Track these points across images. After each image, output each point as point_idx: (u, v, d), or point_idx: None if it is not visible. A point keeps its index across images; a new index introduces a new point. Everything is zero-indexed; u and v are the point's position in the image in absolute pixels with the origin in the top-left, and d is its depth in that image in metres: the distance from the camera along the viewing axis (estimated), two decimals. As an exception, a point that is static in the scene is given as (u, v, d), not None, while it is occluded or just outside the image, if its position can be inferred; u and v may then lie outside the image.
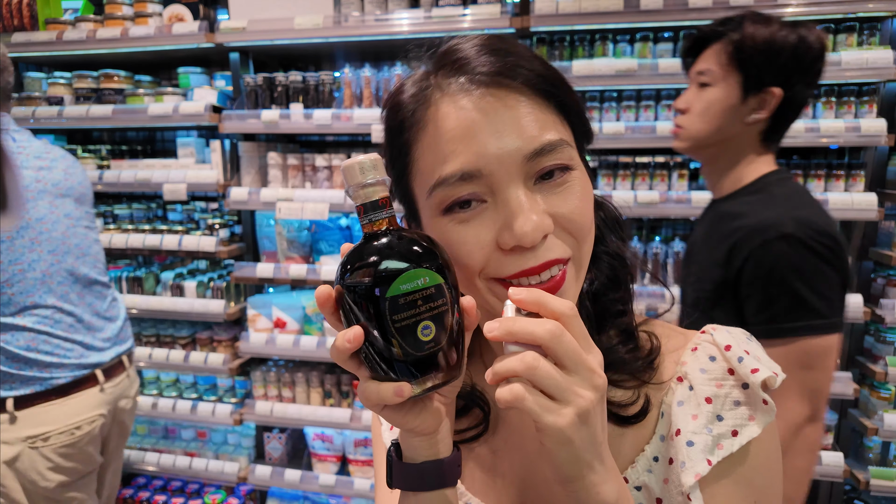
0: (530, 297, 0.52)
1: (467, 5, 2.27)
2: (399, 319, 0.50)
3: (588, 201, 0.60)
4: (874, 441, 2.29)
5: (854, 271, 2.22)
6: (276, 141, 2.90)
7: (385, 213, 0.54)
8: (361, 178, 0.53)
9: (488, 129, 0.56)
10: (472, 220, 0.58)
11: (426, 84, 0.61)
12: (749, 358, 0.63)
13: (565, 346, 0.49)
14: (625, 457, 0.66)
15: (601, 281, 0.69)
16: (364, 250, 0.52)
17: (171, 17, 2.60)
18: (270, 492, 2.87)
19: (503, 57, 0.58)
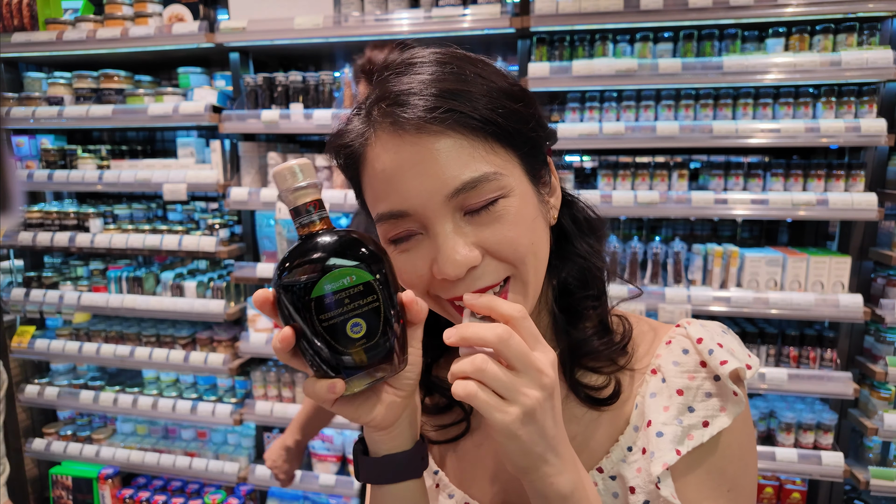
0: (481, 301, 0.56)
1: (467, 5, 2.27)
2: (326, 319, 0.52)
3: (522, 227, 0.61)
4: (874, 441, 2.29)
5: (855, 271, 2.22)
6: (276, 141, 2.90)
7: (315, 215, 0.54)
8: (291, 182, 0.53)
9: (411, 172, 0.58)
10: (412, 250, 0.62)
11: (365, 123, 0.62)
12: (720, 350, 0.64)
13: (513, 348, 0.52)
14: (600, 446, 0.69)
15: (571, 280, 0.71)
16: (294, 253, 0.53)
17: (171, 17, 2.60)
18: (270, 492, 2.87)
19: (438, 97, 0.58)
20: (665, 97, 2.30)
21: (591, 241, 0.73)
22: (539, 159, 0.66)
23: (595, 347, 0.69)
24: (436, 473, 0.78)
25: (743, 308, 2.20)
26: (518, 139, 0.62)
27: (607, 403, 0.69)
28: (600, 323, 0.71)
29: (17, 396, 2.96)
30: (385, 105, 0.60)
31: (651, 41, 2.30)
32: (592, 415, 0.70)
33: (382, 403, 0.59)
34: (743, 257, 2.27)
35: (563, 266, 0.71)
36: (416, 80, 0.60)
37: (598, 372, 0.70)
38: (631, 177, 2.35)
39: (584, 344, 0.69)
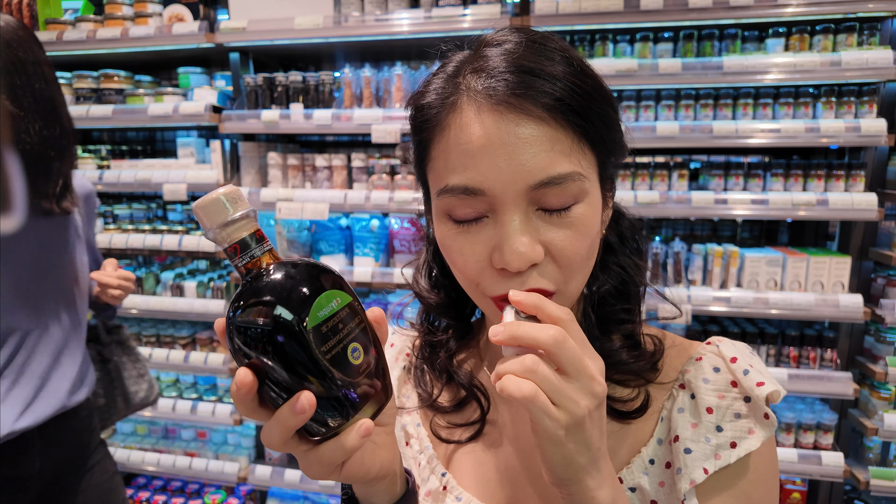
0: (529, 300, 0.52)
1: (467, 5, 2.27)
2: (328, 349, 0.45)
3: (587, 238, 0.59)
4: (874, 441, 2.29)
5: (855, 271, 2.22)
6: (276, 141, 2.90)
7: (266, 245, 0.48)
8: (227, 214, 0.46)
9: (500, 152, 0.56)
10: (472, 232, 0.59)
11: (453, 86, 0.60)
12: (754, 371, 0.63)
13: (567, 352, 0.49)
14: (621, 457, 0.67)
15: (608, 290, 0.69)
16: (254, 293, 0.45)
17: (171, 17, 2.60)
18: (270, 492, 2.87)
19: (530, 75, 0.56)
20: (665, 97, 2.30)
21: (636, 259, 0.72)
22: (611, 172, 0.65)
23: (623, 360, 0.67)
24: (443, 475, 0.75)
25: (743, 308, 2.20)
26: (604, 146, 0.61)
27: (633, 416, 0.67)
28: (630, 337, 0.69)
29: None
30: (485, 75, 0.57)
31: (651, 41, 2.30)
32: (614, 426, 0.68)
33: (381, 447, 0.54)
34: (743, 257, 2.27)
35: (601, 277, 0.69)
36: (512, 56, 0.57)
37: (625, 385, 0.68)
38: (631, 177, 2.35)
39: (613, 355, 0.67)
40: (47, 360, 1.42)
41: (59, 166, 1.38)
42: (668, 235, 2.72)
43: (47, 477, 1.44)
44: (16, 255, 1.38)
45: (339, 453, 0.47)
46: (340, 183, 2.54)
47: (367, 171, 2.52)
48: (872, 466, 2.21)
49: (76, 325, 1.51)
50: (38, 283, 1.42)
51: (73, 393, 1.45)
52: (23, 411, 1.35)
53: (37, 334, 1.41)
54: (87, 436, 1.55)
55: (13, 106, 1.26)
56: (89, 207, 1.61)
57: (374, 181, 2.47)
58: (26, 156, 1.31)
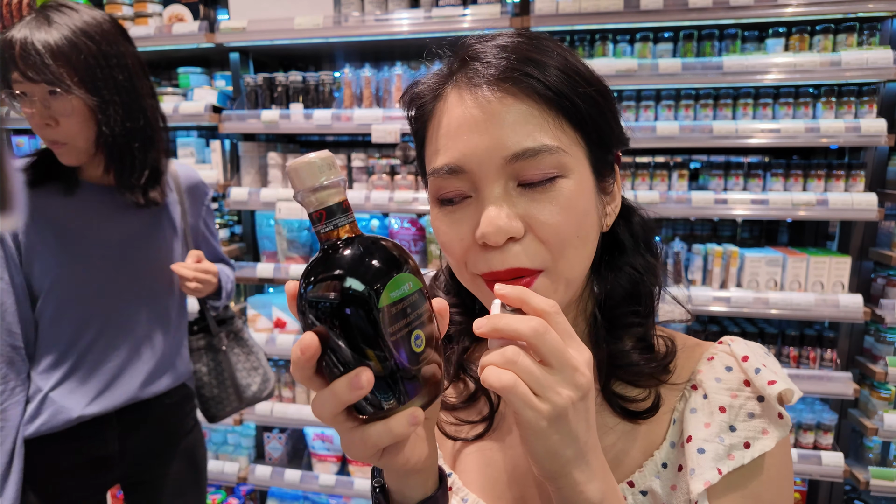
0: (513, 292, 0.52)
1: (467, 5, 2.27)
2: (395, 331, 0.45)
3: (572, 213, 0.58)
4: (874, 441, 2.29)
5: (855, 271, 2.22)
6: (276, 141, 2.90)
7: (350, 216, 0.47)
8: (318, 178, 0.46)
9: (478, 128, 0.58)
10: (457, 212, 0.61)
11: (443, 78, 0.64)
12: (766, 370, 0.62)
13: (549, 343, 0.49)
14: (632, 459, 0.66)
15: (618, 292, 0.68)
16: (338, 259, 0.45)
17: (171, 17, 2.60)
18: (270, 492, 2.87)
19: (512, 60, 0.58)
20: (665, 97, 2.30)
21: (649, 258, 0.70)
22: (607, 158, 0.65)
23: (634, 361, 0.66)
24: (448, 475, 0.73)
25: (743, 308, 2.20)
26: (589, 126, 0.61)
27: (644, 416, 0.66)
28: (643, 340, 0.68)
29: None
30: (466, 60, 0.61)
31: (651, 41, 2.30)
32: (626, 426, 0.67)
33: (421, 439, 0.53)
34: (743, 257, 2.27)
35: (612, 277, 0.68)
36: (499, 45, 0.61)
37: (636, 385, 0.67)
38: (631, 177, 2.35)
39: (623, 356, 0.66)
40: (125, 352, 1.45)
41: (143, 157, 1.39)
42: (668, 235, 2.72)
43: (130, 458, 1.50)
44: (97, 247, 1.41)
45: (386, 437, 0.47)
46: (340, 183, 2.54)
47: (367, 171, 2.52)
48: (872, 466, 2.21)
49: (160, 317, 1.52)
50: (118, 276, 1.44)
51: (148, 385, 1.48)
52: (93, 399, 1.40)
53: (116, 326, 1.44)
54: (176, 422, 1.58)
55: (93, 100, 1.28)
56: (194, 198, 1.61)
57: (373, 181, 2.47)
58: (109, 147, 1.33)
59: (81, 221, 1.40)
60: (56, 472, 1.41)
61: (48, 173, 1.39)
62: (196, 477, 1.65)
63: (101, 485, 1.51)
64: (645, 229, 0.73)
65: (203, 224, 1.66)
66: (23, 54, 1.22)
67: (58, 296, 1.37)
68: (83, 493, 1.48)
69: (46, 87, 1.23)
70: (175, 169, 1.57)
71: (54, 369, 1.39)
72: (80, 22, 1.27)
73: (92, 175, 1.42)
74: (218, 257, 1.74)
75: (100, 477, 1.48)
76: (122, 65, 1.33)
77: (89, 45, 1.27)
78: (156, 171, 1.44)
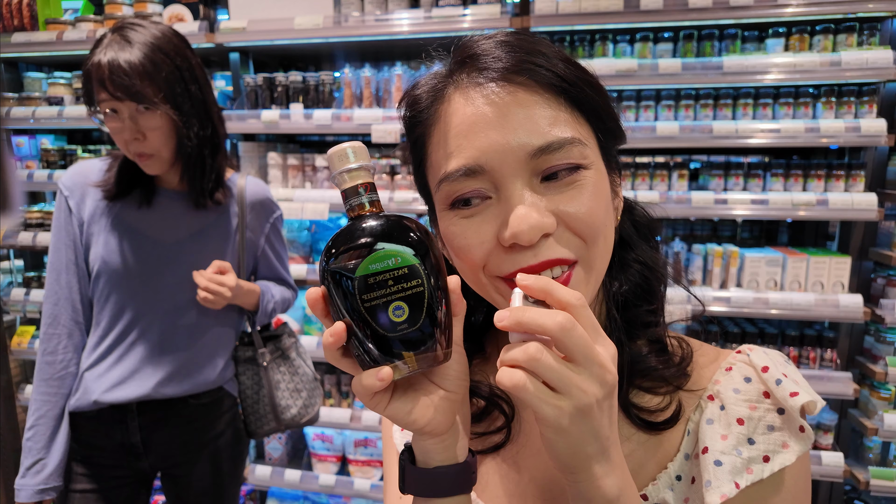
0: (537, 284, 0.50)
1: (467, 5, 2.27)
2: (368, 299, 0.50)
3: (600, 202, 0.58)
4: (874, 441, 2.29)
5: (855, 271, 2.22)
6: (276, 141, 2.90)
7: (365, 197, 0.54)
8: (343, 164, 0.53)
9: (494, 125, 0.55)
10: (476, 215, 0.58)
11: (442, 80, 0.62)
12: (787, 381, 0.60)
13: (575, 338, 0.47)
14: (646, 471, 0.64)
15: (631, 289, 0.66)
16: (341, 234, 0.53)
17: (171, 17, 2.60)
18: (270, 492, 2.87)
19: (518, 53, 0.57)
20: (665, 97, 2.30)
21: (652, 251, 0.69)
22: (613, 154, 0.64)
23: (653, 366, 0.64)
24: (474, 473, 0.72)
25: (743, 308, 2.20)
26: (599, 117, 0.60)
27: (663, 427, 0.63)
28: (657, 341, 0.66)
29: (17, 396, 2.96)
30: (467, 60, 0.59)
31: (651, 41, 2.30)
32: (641, 437, 0.65)
33: (435, 406, 0.55)
34: (743, 257, 2.27)
35: (620, 276, 0.66)
36: (499, 41, 0.59)
37: (653, 392, 0.64)
38: (631, 177, 2.35)
39: (640, 361, 0.64)
40: (147, 349, 1.49)
41: (212, 163, 1.48)
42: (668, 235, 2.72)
43: (157, 450, 1.54)
44: (152, 246, 1.48)
45: (361, 388, 0.51)
46: (340, 183, 2.54)
47: (367, 171, 2.52)
48: (872, 466, 2.21)
49: (192, 322, 1.53)
50: (165, 276, 1.49)
51: (164, 386, 1.50)
52: (110, 388, 1.46)
53: (145, 323, 1.49)
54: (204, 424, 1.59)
55: (176, 114, 1.37)
56: (258, 213, 1.62)
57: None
58: (187, 158, 1.43)
59: (147, 223, 1.49)
60: (94, 447, 1.51)
61: (129, 185, 1.48)
62: (221, 481, 1.64)
63: (137, 471, 1.56)
64: (647, 220, 0.71)
65: (266, 241, 1.66)
66: (111, 76, 1.30)
67: (101, 283, 1.47)
68: (121, 473, 1.54)
69: (134, 104, 1.33)
70: (243, 183, 1.60)
71: (92, 352, 1.50)
72: (152, 38, 1.36)
73: (165, 182, 1.52)
74: (278, 277, 1.74)
75: (133, 463, 1.53)
76: (193, 77, 1.42)
77: (167, 60, 1.36)
78: (220, 174, 1.51)
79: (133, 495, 1.58)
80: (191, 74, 1.41)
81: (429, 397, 0.55)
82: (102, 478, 1.52)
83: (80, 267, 1.49)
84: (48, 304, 1.47)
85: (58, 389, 1.47)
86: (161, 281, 1.49)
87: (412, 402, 0.55)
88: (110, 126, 1.36)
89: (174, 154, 1.42)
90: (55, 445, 1.44)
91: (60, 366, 1.47)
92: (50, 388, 1.46)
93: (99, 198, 1.48)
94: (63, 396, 1.48)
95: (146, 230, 1.48)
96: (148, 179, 1.49)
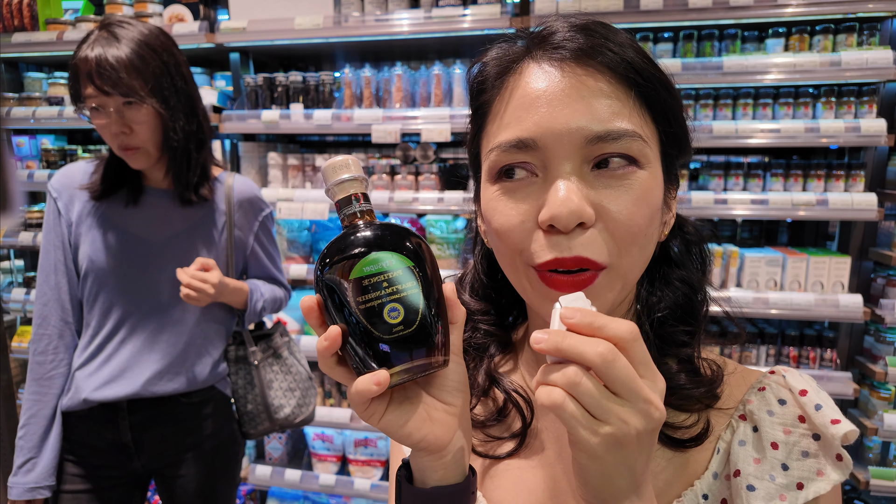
0: (584, 320, 0.46)
1: (467, 6, 2.27)
2: (363, 301, 0.50)
3: (644, 209, 0.55)
4: (874, 441, 2.29)
5: (854, 271, 2.22)
6: (276, 141, 2.90)
7: (357, 207, 0.54)
8: (336, 175, 0.54)
9: (556, 104, 0.54)
10: (518, 191, 0.57)
11: (515, 52, 0.60)
12: (827, 408, 0.58)
13: (617, 371, 0.45)
14: (671, 488, 0.62)
15: (669, 307, 0.64)
16: (335, 244, 0.53)
17: (172, 17, 2.60)
18: (270, 492, 2.87)
19: (595, 38, 0.56)
20: (665, 97, 2.30)
21: (699, 273, 0.67)
22: (674, 166, 0.62)
23: (682, 384, 0.61)
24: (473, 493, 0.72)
25: (743, 308, 2.20)
26: (665, 120, 0.58)
27: (690, 445, 0.61)
28: (689, 362, 0.64)
29: (18, 396, 2.96)
30: (544, 37, 0.58)
31: (651, 41, 2.30)
32: (667, 453, 0.62)
33: (432, 420, 0.53)
34: (743, 257, 2.27)
35: (661, 291, 0.64)
36: (576, 24, 0.58)
37: (682, 410, 0.62)
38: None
39: (671, 379, 0.61)
40: (136, 347, 1.50)
41: (197, 158, 1.49)
42: (667, 235, 2.72)
43: (148, 450, 1.54)
44: (139, 244, 1.49)
45: (355, 392, 0.50)
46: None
47: (367, 171, 2.53)
48: (872, 466, 2.21)
49: (179, 319, 1.53)
50: (152, 275, 1.50)
51: (154, 384, 1.50)
52: (99, 386, 1.47)
53: (134, 321, 1.50)
54: (196, 423, 1.58)
55: (162, 107, 1.39)
56: (246, 211, 1.62)
57: (373, 181, 2.47)
58: (172, 152, 1.45)
59: (134, 222, 1.50)
60: (86, 447, 1.51)
61: (115, 184, 1.50)
62: (214, 481, 1.64)
63: (130, 472, 1.55)
64: (697, 237, 0.68)
65: (255, 240, 1.66)
66: (99, 71, 1.31)
67: (89, 282, 1.48)
68: (114, 474, 1.53)
69: (121, 98, 1.34)
70: (231, 181, 1.60)
71: (83, 351, 1.50)
72: (140, 35, 1.37)
73: (152, 180, 1.53)
74: (269, 276, 1.73)
75: (125, 463, 1.53)
76: (179, 72, 1.44)
77: (154, 56, 1.38)
78: (205, 169, 1.52)
79: (126, 496, 1.57)
80: (177, 70, 1.43)
81: (425, 410, 0.54)
82: (95, 478, 1.51)
83: (69, 268, 1.50)
84: (38, 305, 1.49)
85: (48, 389, 1.48)
86: (149, 279, 1.49)
87: (407, 415, 0.53)
88: (96, 122, 1.38)
89: (160, 148, 1.43)
90: (47, 445, 1.45)
91: (50, 366, 1.48)
92: (41, 387, 1.47)
93: (87, 198, 1.49)
94: (54, 396, 1.48)
95: (133, 228, 1.49)
96: (134, 177, 1.50)
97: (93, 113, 1.37)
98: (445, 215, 2.50)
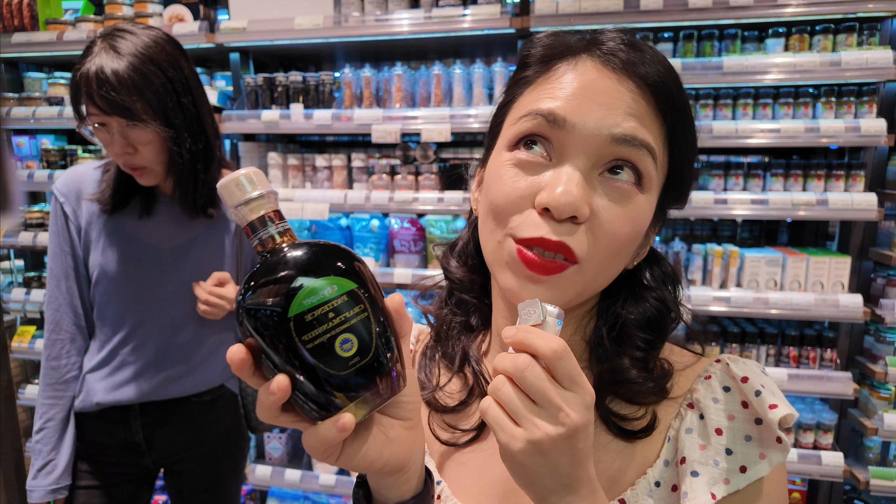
0: (516, 337, 0.52)
1: (467, 5, 2.27)
2: (309, 339, 0.44)
3: (631, 227, 0.59)
4: (874, 441, 2.29)
5: (854, 271, 2.22)
6: (276, 141, 2.90)
7: (275, 228, 0.48)
8: (242, 194, 0.47)
9: (599, 100, 0.57)
10: (529, 167, 0.59)
11: (573, 42, 0.62)
12: (766, 392, 0.60)
13: (531, 380, 0.50)
14: (625, 477, 0.64)
15: (636, 317, 0.67)
16: (257, 275, 0.46)
17: (172, 17, 2.60)
18: (270, 492, 2.87)
19: (641, 53, 0.59)
20: (665, 97, 2.30)
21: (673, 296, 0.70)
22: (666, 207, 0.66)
23: (631, 378, 0.64)
24: (438, 483, 0.71)
25: (743, 308, 2.20)
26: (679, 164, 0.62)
27: (639, 436, 0.64)
28: (641, 360, 0.66)
29: (18, 396, 2.96)
30: (605, 42, 0.60)
31: (651, 41, 2.30)
32: (619, 444, 0.65)
33: (392, 441, 0.52)
34: (743, 257, 2.27)
35: (632, 307, 0.67)
36: (640, 44, 0.61)
37: (634, 402, 0.65)
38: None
39: (621, 373, 0.64)
40: (151, 352, 1.50)
41: (204, 177, 1.44)
42: (667, 235, 2.72)
43: (159, 448, 1.56)
44: (150, 252, 1.48)
45: (315, 441, 0.47)
46: (340, 183, 2.54)
47: (367, 171, 2.52)
48: (872, 466, 2.21)
49: (194, 326, 1.53)
50: (164, 282, 1.49)
51: (167, 387, 1.52)
52: (113, 390, 1.49)
53: (149, 327, 1.50)
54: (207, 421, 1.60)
55: (166, 130, 1.33)
56: None
57: (374, 181, 2.47)
58: (178, 174, 1.40)
59: (145, 230, 1.49)
60: (97, 446, 1.53)
61: (126, 196, 1.47)
62: (222, 476, 1.66)
63: (140, 468, 1.58)
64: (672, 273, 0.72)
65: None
66: (99, 90, 1.25)
67: (101, 289, 1.48)
68: (124, 470, 1.56)
69: (124, 120, 1.29)
70: None
71: (95, 355, 1.51)
72: (144, 48, 1.30)
73: (163, 188, 1.50)
74: None
75: (136, 460, 1.56)
76: (186, 88, 1.37)
77: (158, 72, 1.31)
78: (213, 188, 1.47)
79: (136, 491, 1.60)
80: (184, 86, 1.36)
81: (382, 432, 0.52)
82: (106, 475, 1.53)
83: (80, 272, 1.49)
84: (50, 310, 1.48)
85: (63, 393, 1.49)
86: (161, 287, 1.49)
87: (365, 443, 0.50)
88: (100, 138, 1.33)
89: (166, 168, 1.40)
90: (63, 446, 1.47)
91: (64, 370, 1.49)
92: (56, 392, 1.48)
93: (96, 206, 1.48)
94: (69, 399, 1.50)
95: (145, 237, 1.48)
96: (146, 188, 1.48)
97: (96, 130, 1.33)
98: (445, 215, 2.50)
